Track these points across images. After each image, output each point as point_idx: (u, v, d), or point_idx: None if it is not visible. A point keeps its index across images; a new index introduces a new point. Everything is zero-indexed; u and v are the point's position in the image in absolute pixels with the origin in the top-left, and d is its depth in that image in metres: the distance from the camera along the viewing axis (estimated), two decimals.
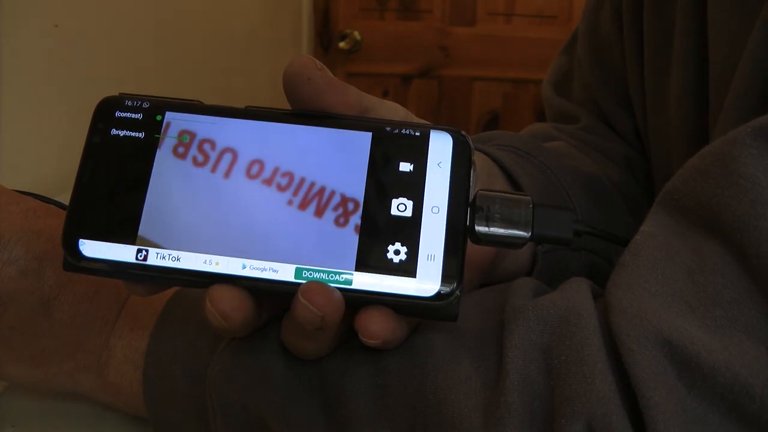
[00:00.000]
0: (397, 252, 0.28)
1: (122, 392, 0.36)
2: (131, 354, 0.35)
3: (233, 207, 0.29)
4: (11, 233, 0.35)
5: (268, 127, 0.30)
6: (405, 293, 0.28)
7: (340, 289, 0.28)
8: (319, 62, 0.30)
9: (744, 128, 0.27)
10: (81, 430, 0.38)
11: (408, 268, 0.28)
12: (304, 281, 0.28)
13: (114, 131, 0.30)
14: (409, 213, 0.29)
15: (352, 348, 0.31)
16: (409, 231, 0.29)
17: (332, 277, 0.28)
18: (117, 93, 0.31)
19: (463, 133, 0.30)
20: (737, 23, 0.37)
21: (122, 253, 0.29)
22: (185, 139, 0.30)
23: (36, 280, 0.35)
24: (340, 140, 0.30)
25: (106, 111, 0.30)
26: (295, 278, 0.28)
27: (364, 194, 0.29)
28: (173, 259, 0.29)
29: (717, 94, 0.39)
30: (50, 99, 0.86)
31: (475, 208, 0.29)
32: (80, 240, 0.29)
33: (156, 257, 0.29)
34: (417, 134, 0.30)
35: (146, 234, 0.29)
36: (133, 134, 0.30)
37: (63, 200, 0.35)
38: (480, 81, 1.93)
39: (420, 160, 0.30)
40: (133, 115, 0.30)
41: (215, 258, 0.28)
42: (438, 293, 0.28)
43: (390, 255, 0.28)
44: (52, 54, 0.86)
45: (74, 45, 0.90)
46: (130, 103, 0.30)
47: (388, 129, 0.30)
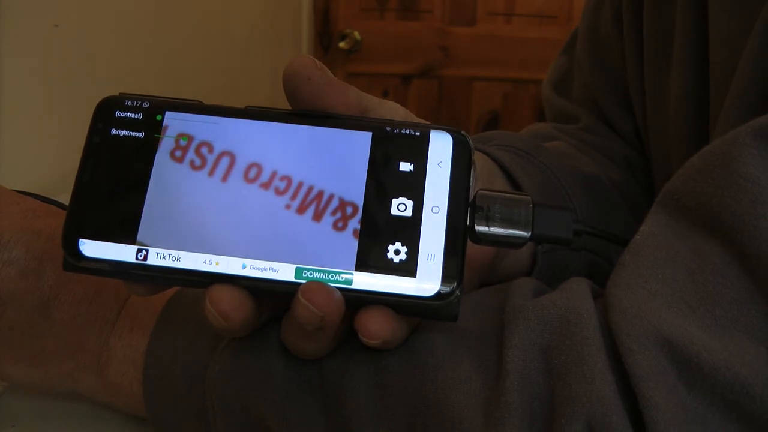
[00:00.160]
0: (398, 252, 0.28)
1: (122, 392, 0.36)
2: (131, 354, 0.35)
3: (232, 210, 0.29)
4: (11, 233, 0.35)
5: (268, 128, 0.30)
6: (405, 293, 0.28)
7: (340, 289, 0.28)
8: (319, 62, 0.30)
9: (744, 128, 0.27)
10: (81, 430, 0.38)
11: (408, 268, 0.28)
12: (304, 281, 0.28)
13: (114, 131, 0.30)
14: (409, 213, 0.29)
15: (352, 348, 0.31)
16: (409, 231, 0.29)
17: (332, 277, 0.28)
18: (117, 93, 0.31)
19: (463, 133, 0.30)
20: (737, 23, 0.37)
21: (122, 253, 0.29)
22: (183, 142, 0.30)
23: (36, 280, 0.35)
24: (340, 140, 0.30)
25: (106, 111, 0.30)
26: (295, 278, 0.28)
27: (364, 194, 0.29)
28: (173, 259, 0.29)
29: (717, 94, 0.39)
30: (50, 99, 0.86)
31: (475, 208, 0.29)
32: (80, 240, 0.29)
33: (156, 257, 0.29)
34: (417, 134, 0.30)
35: (146, 234, 0.29)
36: (133, 134, 0.30)
37: (63, 200, 0.35)
38: (480, 81, 1.93)
39: (420, 160, 0.30)
40: (133, 115, 0.30)
41: (215, 258, 0.28)
42: (438, 293, 0.28)
43: (390, 255, 0.28)
44: (52, 54, 0.86)
45: (74, 45, 0.90)
46: (130, 103, 0.30)
47: (388, 129, 0.30)
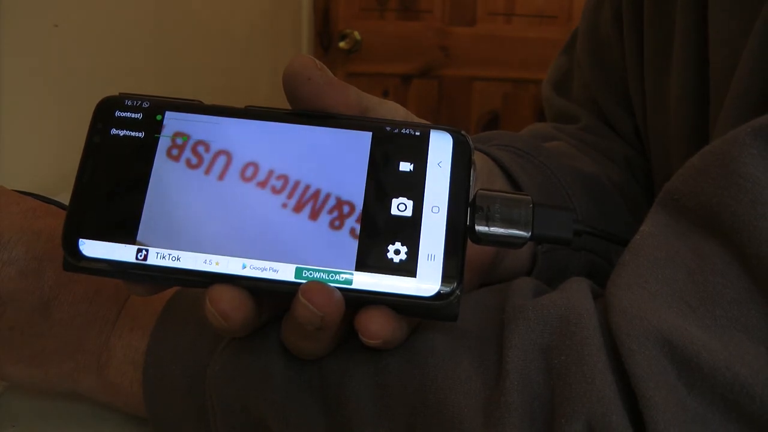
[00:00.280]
0: (398, 252, 0.28)
1: (122, 392, 0.36)
2: (131, 354, 0.35)
3: (230, 209, 0.29)
4: (11, 233, 0.35)
5: (267, 128, 0.30)
6: (405, 293, 0.28)
7: (341, 289, 0.28)
8: (319, 62, 0.30)
9: (744, 128, 0.27)
10: (81, 430, 0.38)
11: (408, 268, 0.28)
12: (305, 281, 0.28)
13: (114, 131, 0.30)
14: (409, 213, 0.29)
15: (352, 348, 0.31)
16: (410, 231, 0.29)
17: (332, 277, 0.28)
18: (117, 93, 0.31)
19: (463, 133, 0.30)
20: (737, 23, 0.37)
21: (122, 253, 0.29)
22: (180, 141, 0.30)
23: (36, 281, 0.35)
24: (340, 140, 0.30)
25: (106, 111, 0.30)
26: (296, 278, 0.28)
27: (364, 194, 0.29)
28: (173, 259, 0.28)
29: (717, 94, 0.39)
30: (50, 99, 0.86)
31: (475, 208, 0.29)
32: (80, 240, 0.29)
33: (156, 257, 0.29)
34: (417, 134, 0.30)
35: (146, 234, 0.29)
36: (133, 134, 0.30)
37: (63, 200, 0.35)
38: (480, 81, 1.93)
39: (420, 160, 0.30)
40: (133, 115, 0.30)
41: (215, 258, 0.28)
42: (438, 293, 0.28)
43: (390, 255, 0.28)
44: (52, 54, 0.86)
45: (74, 45, 0.90)
46: (130, 103, 0.30)
47: (388, 129, 0.30)
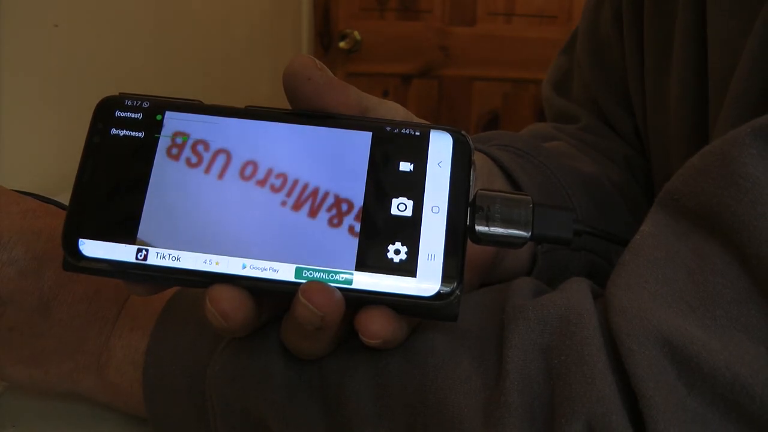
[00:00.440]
0: (398, 252, 0.28)
1: (122, 392, 0.36)
2: (131, 354, 0.35)
3: (230, 208, 0.29)
4: (11, 233, 0.35)
5: (267, 128, 0.30)
6: (405, 293, 0.28)
7: (341, 289, 0.28)
8: (319, 62, 0.30)
9: (744, 128, 0.27)
10: (81, 430, 0.38)
11: (408, 268, 0.28)
12: (305, 281, 0.28)
13: (114, 131, 0.30)
14: (410, 213, 0.29)
15: (352, 348, 0.31)
16: (410, 231, 0.29)
17: (332, 277, 0.28)
18: (117, 93, 0.31)
19: (463, 133, 0.30)
20: (736, 23, 0.37)
21: (122, 253, 0.29)
22: (180, 140, 0.30)
23: (35, 281, 0.35)
24: (340, 140, 0.30)
25: (106, 111, 0.30)
26: (296, 278, 0.28)
27: (364, 194, 0.29)
28: (173, 259, 0.28)
29: (717, 94, 0.39)
30: (50, 99, 0.86)
31: (476, 208, 0.29)
32: (80, 240, 0.29)
33: (156, 257, 0.29)
34: (417, 134, 0.30)
35: (146, 233, 0.29)
36: (133, 134, 0.30)
37: (63, 200, 0.35)
38: (480, 81, 1.93)
39: (420, 160, 0.30)
40: (133, 115, 0.30)
41: (215, 258, 0.28)
42: (438, 293, 0.28)
43: (390, 255, 0.28)
44: (52, 54, 0.86)
45: (74, 45, 0.90)
46: (130, 103, 0.30)
47: (389, 129, 0.30)
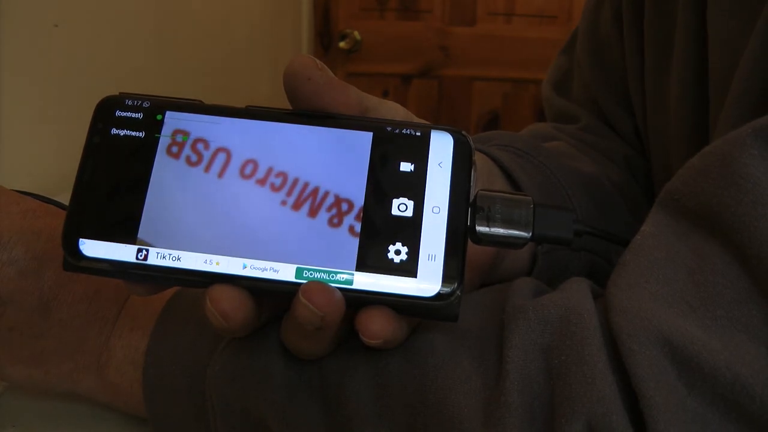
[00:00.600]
0: (398, 252, 0.28)
1: (122, 392, 0.36)
2: (131, 354, 0.35)
3: (229, 207, 0.29)
4: (11, 233, 0.35)
5: (267, 127, 0.30)
6: (406, 293, 0.28)
7: (341, 289, 0.28)
8: (320, 62, 0.30)
9: (745, 129, 0.27)
10: (81, 430, 0.38)
11: (409, 268, 0.28)
12: (305, 281, 0.28)
13: (114, 131, 0.30)
14: (410, 213, 0.29)
15: (352, 348, 0.31)
16: (410, 231, 0.29)
17: (333, 277, 0.28)
18: (117, 93, 0.31)
19: (464, 133, 0.30)
20: (737, 23, 0.37)
21: (122, 253, 0.29)
22: (180, 139, 0.30)
23: (35, 281, 0.35)
24: (341, 140, 0.30)
25: (107, 110, 0.30)
26: (296, 278, 0.28)
27: (365, 194, 0.29)
28: (173, 259, 0.28)
29: (717, 94, 0.39)
30: (50, 99, 0.86)
31: (476, 208, 0.29)
32: (80, 240, 0.29)
33: (156, 257, 0.29)
34: (417, 134, 0.30)
35: (146, 233, 0.29)
36: (134, 134, 0.30)
37: (63, 200, 0.35)
38: (480, 81, 1.93)
39: (421, 160, 0.29)
40: (134, 115, 0.30)
41: (216, 258, 0.28)
42: (438, 293, 0.28)
43: (391, 255, 0.28)
44: (52, 54, 0.86)
45: (74, 45, 0.90)
46: (131, 103, 0.30)
47: (389, 129, 0.30)
